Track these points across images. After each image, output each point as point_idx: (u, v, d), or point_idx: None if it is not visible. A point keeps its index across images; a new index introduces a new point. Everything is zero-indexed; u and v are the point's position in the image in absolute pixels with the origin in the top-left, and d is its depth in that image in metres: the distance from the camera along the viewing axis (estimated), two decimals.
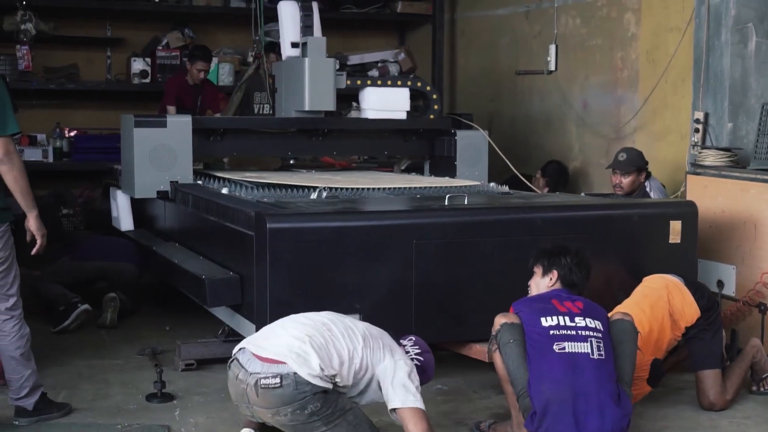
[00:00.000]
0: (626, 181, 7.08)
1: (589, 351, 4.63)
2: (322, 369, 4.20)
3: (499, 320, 4.80)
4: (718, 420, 5.23)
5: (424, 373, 4.62)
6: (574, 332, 4.67)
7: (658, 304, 5.27)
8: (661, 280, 5.44)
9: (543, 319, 4.71)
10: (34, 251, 5.11)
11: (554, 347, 4.63)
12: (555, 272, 4.97)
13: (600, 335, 4.70)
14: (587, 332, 4.68)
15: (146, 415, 5.18)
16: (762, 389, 5.61)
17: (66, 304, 6.96)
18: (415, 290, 5.36)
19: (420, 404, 4.31)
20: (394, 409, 4.33)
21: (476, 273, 5.49)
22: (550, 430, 4.55)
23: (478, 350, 5.51)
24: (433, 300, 5.41)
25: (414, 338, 4.73)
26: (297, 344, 4.26)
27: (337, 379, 4.28)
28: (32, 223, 5.06)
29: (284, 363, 4.21)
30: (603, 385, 4.58)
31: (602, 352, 4.65)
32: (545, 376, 4.59)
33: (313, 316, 4.49)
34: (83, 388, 5.63)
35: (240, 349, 4.42)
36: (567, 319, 4.72)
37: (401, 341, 4.67)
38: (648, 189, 7.24)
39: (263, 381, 4.20)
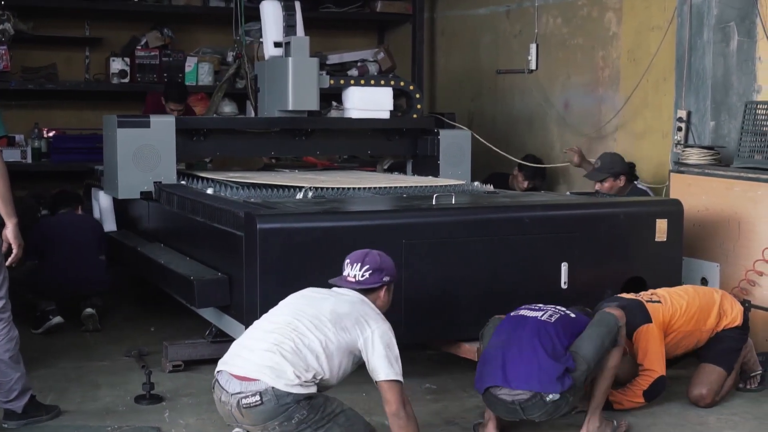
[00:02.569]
0: (605, 186, 7.16)
1: (539, 315, 4.81)
2: (297, 376, 4.17)
3: (490, 319, 5.04)
4: (705, 416, 5.26)
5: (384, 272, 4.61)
6: (537, 307, 4.91)
7: (710, 295, 5.53)
8: (712, 288, 5.86)
9: (524, 306, 5.00)
10: (8, 261, 5.02)
11: (511, 313, 4.91)
12: None
13: (561, 313, 4.85)
14: (549, 308, 4.88)
15: (136, 417, 5.17)
16: (749, 386, 5.66)
17: (41, 310, 6.92)
18: (405, 290, 5.35)
19: (399, 376, 4.33)
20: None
21: (465, 272, 5.51)
22: (482, 375, 4.73)
23: (467, 349, 5.53)
24: (422, 299, 5.42)
25: (363, 257, 4.63)
26: (268, 357, 4.22)
27: (319, 378, 4.25)
28: (10, 231, 4.96)
29: (260, 380, 4.18)
30: (541, 339, 4.67)
31: (552, 319, 4.78)
32: (494, 335, 4.85)
33: (278, 317, 4.45)
34: (72, 391, 5.61)
35: (218, 371, 4.37)
36: (541, 305, 4.96)
37: (347, 271, 4.61)
38: (643, 187, 7.32)
39: (244, 401, 4.19)
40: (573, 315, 4.88)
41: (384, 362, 4.31)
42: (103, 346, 6.59)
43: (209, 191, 6.49)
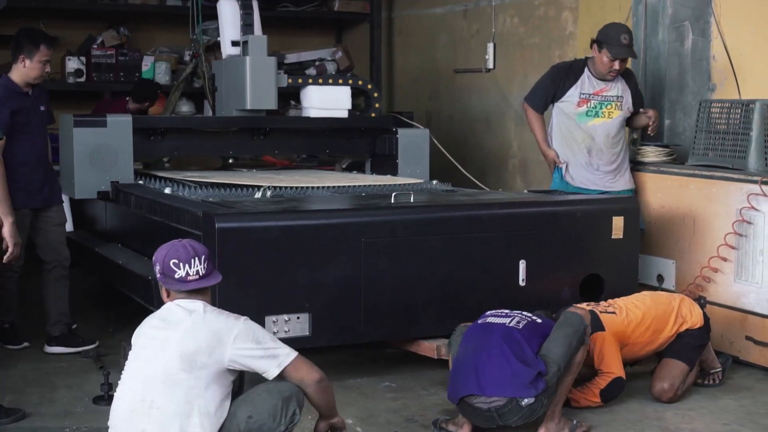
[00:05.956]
0: (624, 64, 6.72)
1: (506, 322, 4.83)
2: None
3: (457, 327, 5.09)
4: (663, 412, 5.31)
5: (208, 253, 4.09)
6: (503, 314, 4.93)
7: (668, 303, 5.53)
8: (670, 294, 5.82)
9: (490, 311, 5.00)
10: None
11: (479, 321, 4.90)
12: None
13: (527, 319, 4.87)
14: (516, 315, 4.90)
15: (94, 418, 5.12)
16: (708, 382, 5.72)
17: None
18: (364, 288, 5.38)
19: (291, 354, 3.94)
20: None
21: (424, 270, 5.53)
22: (455, 385, 4.74)
23: (426, 347, 5.55)
24: (381, 298, 5.44)
25: (192, 252, 4.04)
26: None
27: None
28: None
29: None
30: (510, 345, 4.68)
31: (520, 326, 4.79)
32: (462, 343, 4.85)
33: (137, 398, 3.90)
34: (29, 392, 5.55)
35: None
36: (507, 311, 4.96)
37: (181, 272, 4.03)
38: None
39: None
40: (539, 320, 4.90)
41: (267, 360, 3.91)
42: None
43: (167, 191, 6.47)
